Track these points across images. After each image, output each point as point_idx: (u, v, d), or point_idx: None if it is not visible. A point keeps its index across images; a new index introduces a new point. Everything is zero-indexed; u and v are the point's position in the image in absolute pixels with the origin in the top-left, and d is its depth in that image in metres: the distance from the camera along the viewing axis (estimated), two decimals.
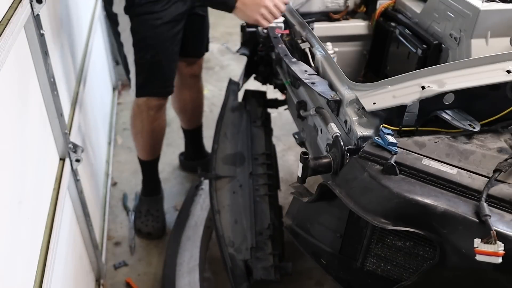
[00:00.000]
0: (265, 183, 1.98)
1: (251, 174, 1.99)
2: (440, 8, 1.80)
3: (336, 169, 1.30)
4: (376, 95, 1.27)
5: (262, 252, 1.80)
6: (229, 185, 1.98)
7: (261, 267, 1.76)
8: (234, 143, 2.09)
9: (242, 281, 1.73)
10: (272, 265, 1.77)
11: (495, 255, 0.95)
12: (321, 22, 2.22)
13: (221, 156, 2.05)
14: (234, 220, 1.89)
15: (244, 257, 1.79)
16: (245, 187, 1.96)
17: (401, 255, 1.14)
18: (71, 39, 2.07)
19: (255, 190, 1.95)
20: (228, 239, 1.84)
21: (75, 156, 1.61)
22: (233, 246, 1.84)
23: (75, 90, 1.98)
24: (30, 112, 1.32)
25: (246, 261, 1.78)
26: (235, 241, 1.85)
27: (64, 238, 1.51)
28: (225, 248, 1.82)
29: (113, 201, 2.59)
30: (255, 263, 1.76)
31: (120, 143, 3.03)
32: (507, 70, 1.20)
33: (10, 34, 1.07)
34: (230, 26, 4.36)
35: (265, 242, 1.84)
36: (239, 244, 1.84)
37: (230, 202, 1.93)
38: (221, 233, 1.85)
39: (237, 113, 2.19)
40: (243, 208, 1.92)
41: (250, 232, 1.86)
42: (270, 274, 1.74)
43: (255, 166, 2.01)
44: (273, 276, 1.74)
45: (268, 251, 1.81)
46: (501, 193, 1.06)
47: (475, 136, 1.22)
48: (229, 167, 2.01)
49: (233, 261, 1.78)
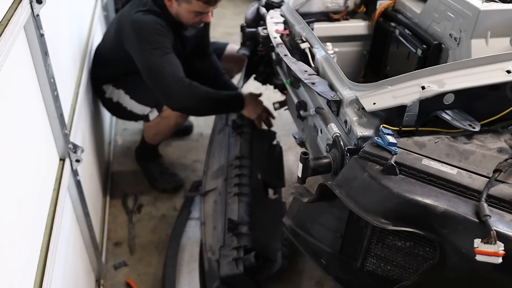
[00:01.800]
0: (236, 184, 2.04)
1: (225, 180, 2.11)
2: (440, 8, 1.80)
3: (336, 169, 1.30)
4: (376, 95, 1.27)
5: (228, 249, 1.84)
6: (213, 197, 2.11)
7: (226, 263, 1.80)
8: (218, 158, 2.24)
9: (214, 280, 1.78)
10: (234, 259, 1.79)
11: (495, 255, 0.95)
12: (321, 22, 2.22)
13: (210, 174, 2.22)
14: (213, 226, 1.98)
15: (217, 257, 1.84)
16: (222, 194, 2.08)
17: (401, 255, 1.14)
18: (71, 39, 2.07)
19: (228, 193, 2.04)
20: (209, 246, 1.92)
21: (75, 156, 1.61)
22: (211, 250, 1.89)
23: (75, 90, 1.98)
24: (30, 112, 1.32)
25: (218, 261, 1.83)
26: (213, 246, 1.91)
27: (64, 238, 1.51)
28: (205, 254, 1.88)
29: (113, 201, 2.59)
30: (222, 260, 1.81)
31: (120, 143, 3.03)
32: (507, 70, 1.20)
33: (10, 34, 1.07)
34: (230, 26, 4.36)
35: (231, 239, 1.87)
36: (214, 247, 1.89)
37: (212, 212, 2.04)
38: (204, 241, 1.93)
39: (221, 134, 2.37)
40: (220, 213, 2.00)
41: (222, 233, 1.91)
42: (234, 268, 1.76)
43: (229, 171, 2.12)
44: (236, 269, 1.75)
45: (233, 246, 1.84)
46: (501, 193, 1.06)
47: (475, 136, 1.22)
48: (214, 181, 2.17)
49: (210, 263, 1.84)
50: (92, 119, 2.33)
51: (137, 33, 2.18)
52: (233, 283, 1.78)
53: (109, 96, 2.51)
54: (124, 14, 2.32)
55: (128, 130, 3.10)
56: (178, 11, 2.21)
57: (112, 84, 2.48)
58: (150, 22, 2.16)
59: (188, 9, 2.18)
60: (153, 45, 2.15)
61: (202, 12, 2.20)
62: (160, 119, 2.44)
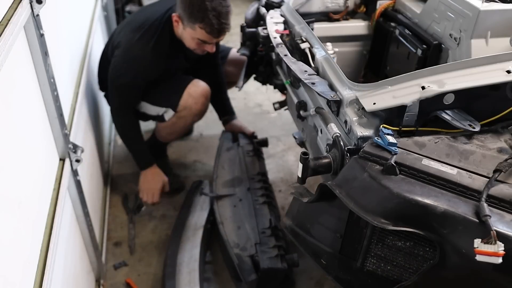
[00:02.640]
0: (263, 194, 2.20)
1: (249, 189, 2.22)
2: (440, 8, 1.81)
3: (336, 169, 1.30)
4: (376, 95, 1.27)
5: (267, 246, 1.91)
6: (229, 201, 2.22)
7: (267, 257, 1.85)
8: (231, 171, 2.39)
9: (250, 273, 1.83)
10: (278, 255, 1.85)
11: (495, 255, 0.95)
12: (321, 22, 2.22)
13: (220, 182, 2.32)
14: (237, 226, 2.06)
15: (250, 253, 1.90)
16: (244, 200, 2.19)
17: (401, 255, 1.14)
18: (71, 39, 2.07)
19: (254, 201, 2.16)
20: (233, 242, 1.97)
21: (75, 156, 1.60)
22: (238, 247, 1.95)
23: (75, 90, 1.98)
24: (30, 112, 1.32)
25: (251, 256, 1.89)
26: (240, 243, 1.97)
27: (64, 238, 1.51)
28: (231, 250, 1.93)
29: (113, 201, 2.58)
30: (261, 255, 1.86)
31: (120, 143, 3.02)
32: (507, 70, 1.21)
33: (10, 34, 1.07)
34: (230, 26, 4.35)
35: (268, 238, 1.96)
36: (244, 244, 1.96)
37: (232, 214, 2.13)
38: (226, 238, 1.98)
39: (232, 151, 2.51)
40: (245, 216, 2.10)
41: (253, 232, 1.99)
42: (277, 263, 1.82)
43: (252, 183, 2.28)
44: (280, 264, 1.82)
45: (272, 245, 1.92)
46: (501, 193, 1.06)
47: (475, 136, 1.22)
48: (228, 188, 2.28)
49: (240, 258, 1.89)
50: (92, 119, 2.33)
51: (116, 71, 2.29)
52: (270, 277, 1.84)
53: None
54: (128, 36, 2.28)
55: None
56: (182, 34, 2.21)
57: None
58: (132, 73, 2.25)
59: (191, 35, 2.17)
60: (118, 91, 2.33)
61: (205, 41, 2.19)
62: (177, 119, 2.43)
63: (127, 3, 3.97)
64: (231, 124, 2.70)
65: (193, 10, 2.10)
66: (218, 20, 2.09)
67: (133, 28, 2.27)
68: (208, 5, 2.07)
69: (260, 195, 2.19)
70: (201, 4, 2.07)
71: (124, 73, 2.26)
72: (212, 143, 2.96)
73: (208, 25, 2.10)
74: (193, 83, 2.38)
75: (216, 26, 2.10)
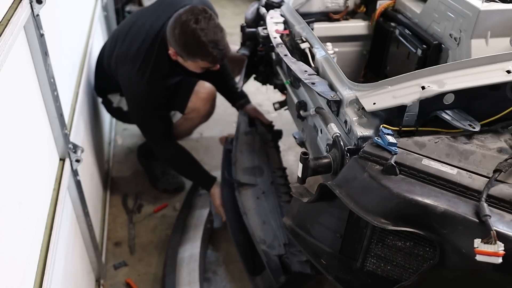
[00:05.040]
0: (287, 192, 2.13)
1: (272, 183, 2.16)
2: (440, 8, 1.81)
3: (336, 169, 1.30)
4: (376, 95, 1.27)
5: (296, 249, 1.88)
6: (252, 192, 2.14)
7: (297, 261, 1.82)
8: (251, 158, 2.30)
9: (279, 274, 1.81)
10: (308, 260, 1.81)
11: (495, 255, 0.95)
12: (321, 22, 2.22)
13: (240, 168, 2.24)
14: (262, 221, 2.01)
15: (278, 252, 1.87)
16: (268, 194, 2.13)
17: (401, 255, 1.14)
18: (71, 39, 2.07)
19: (278, 197, 2.11)
20: (259, 238, 1.93)
21: (75, 156, 1.60)
22: (265, 244, 1.91)
23: (75, 90, 1.98)
24: (30, 112, 1.32)
25: (280, 256, 1.86)
26: (266, 239, 1.93)
27: (64, 238, 1.51)
28: (258, 245, 1.90)
29: (113, 201, 2.59)
30: (291, 257, 1.83)
31: (120, 143, 3.03)
32: (507, 70, 1.20)
33: (10, 34, 1.07)
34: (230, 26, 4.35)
35: None
36: (271, 241, 1.92)
37: (255, 206, 2.07)
38: (251, 231, 1.95)
39: (249, 136, 2.42)
40: (269, 211, 2.05)
41: (280, 231, 1.95)
42: (307, 268, 1.80)
43: (275, 177, 2.20)
44: (309, 270, 1.80)
45: None
46: (501, 193, 1.06)
47: (475, 136, 1.22)
48: (249, 177, 2.20)
49: (268, 256, 1.86)
50: (92, 119, 2.33)
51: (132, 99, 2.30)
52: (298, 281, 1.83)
53: (117, 105, 2.52)
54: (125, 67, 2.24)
55: (128, 130, 3.10)
56: (183, 63, 2.20)
57: (119, 93, 2.48)
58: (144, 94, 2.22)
59: (194, 65, 2.18)
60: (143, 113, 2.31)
61: (209, 68, 2.20)
62: (184, 120, 2.45)
63: (127, 3, 3.98)
64: (246, 109, 2.60)
65: (190, 48, 2.09)
66: (218, 50, 2.09)
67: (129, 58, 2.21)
68: (204, 40, 2.04)
69: (284, 192, 2.14)
70: (197, 42, 2.05)
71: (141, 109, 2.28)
72: (212, 143, 2.96)
73: (210, 57, 2.10)
74: (200, 84, 2.38)
75: (218, 56, 2.11)
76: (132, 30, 2.27)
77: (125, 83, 2.26)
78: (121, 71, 2.24)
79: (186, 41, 2.07)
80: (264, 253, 1.86)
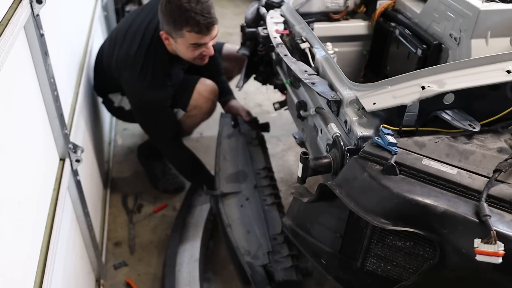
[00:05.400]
0: (271, 193, 2.10)
1: (256, 187, 2.11)
2: (440, 8, 1.80)
3: (336, 169, 1.30)
4: (376, 95, 1.27)
5: (280, 255, 1.84)
6: (236, 200, 2.09)
7: (281, 269, 1.78)
8: (235, 163, 2.25)
9: (264, 285, 1.76)
10: (292, 266, 1.79)
11: (495, 255, 0.95)
12: (321, 22, 2.22)
13: (224, 176, 2.19)
14: (247, 230, 1.97)
15: (262, 262, 1.82)
16: (251, 200, 2.08)
17: (401, 255, 1.14)
18: (71, 39, 2.07)
19: (262, 200, 2.06)
20: (243, 249, 1.90)
21: (75, 156, 1.60)
22: (249, 255, 1.88)
23: (75, 90, 1.98)
24: (30, 112, 1.32)
25: (265, 266, 1.81)
26: (251, 250, 1.89)
27: (64, 238, 1.51)
28: (242, 257, 1.86)
29: (113, 201, 2.59)
30: (275, 266, 1.79)
31: (120, 143, 3.03)
32: (507, 70, 1.20)
33: (10, 34, 1.07)
34: (230, 26, 4.36)
35: (281, 245, 1.88)
36: (255, 252, 1.88)
37: (239, 215, 2.03)
38: (235, 244, 1.90)
39: (233, 139, 2.38)
40: (253, 218, 2.01)
41: (264, 238, 1.92)
42: (292, 275, 1.76)
43: (258, 180, 2.15)
44: (295, 276, 1.76)
45: (285, 254, 1.84)
46: (501, 193, 1.06)
47: (475, 136, 1.22)
48: (233, 184, 2.14)
49: (252, 268, 1.81)
50: (92, 119, 2.33)
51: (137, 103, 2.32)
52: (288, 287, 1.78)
53: (119, 105, 2.52)
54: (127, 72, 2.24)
55: (128, 130, 3.10)
56: (176, 48, 2.19)
57: (120, 93, 2.48)
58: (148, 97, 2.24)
59: (183, 43, 2.14)
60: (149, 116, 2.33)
61: (198, 43, 2.15)
62: (186, 117, 2.44)
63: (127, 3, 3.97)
64: (229, 106, 2.62)
65: (175, 17, 2.07)
66: (203, 16, 2.06)
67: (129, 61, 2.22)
68: (187, 6, 2.04)
69: (268, 194, 2.10)
70: (180, 9, 2.05)
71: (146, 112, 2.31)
72: (212, 143, 2.95)
73: (194, 25, 2.07)
74: (201, 82, 2.39)
75: (202, 22, 2.07)
76: (130, 31, 2.27)
77: (128, 88, 2.28)
78: (123, 76, 2.25)
79: (171, 10, 2.07)
80: (248, 265, 1.83)
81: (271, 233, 1.93)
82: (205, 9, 2.08)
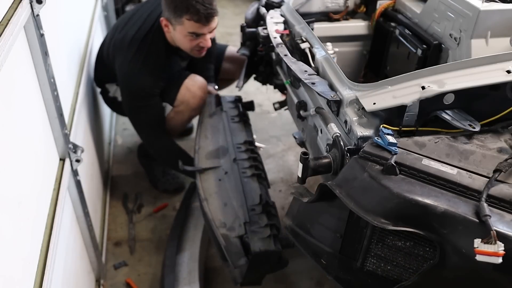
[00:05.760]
0: (251, 165, 2.00)
1: (235, 160, 2.03)
2: (440, 8, 1.80)
3: (336, 169, 1.30)
4: (376, 95, 1.27)
5: (257, 225, 1.73)
6: (214, 175, 2.01)
7: (258, 239, 1.67)
8: (215, 140, 2.18)
9: (240, 257, 1.65)
10: (271, 235, 1.68)
11: (495, 255, 0.95)
12: (321, 22, 2.22)
13: (203, 153, 2.12)
14: (223, 203, 1.86)
15: (238, 233, 1.71)
16: (230, 173, 1.99)
17: (401, 255, 1.14)
18: (71, 39, 2.07)
19: (241, 173, 1.96)
20: (219, 222, 1.78)
21: (75, 156, 1.61)
22: (225, 227, 1.76)
23: (75, 90, 1.98)
24: (30, 112, 1.32)
25: (241, 237, 1.70)
26: (227, 222, 1.78)
27: (64, 238, 1.51)
28: (217, 230, 1.74)
29: (113, 201, 2.59)
30: (252, 236, 1.68)
31: (120, 143, 3.03)
32: (507, 70, 1.20)
33: (10, 34, 1.07)
34: (230, 26, 4.36)
35: (259, 216, 1.77)
36: (231, 224, 1.76)
37: (217, 189, 1.93)
38: (211, 217, 1.80)
39: (215, 117, 2.32)
40: (231, 191, 1.90)
41: (242, 209, 1.80)
42: (270, 244, 1.64)
43: (238, 153, 2.06)
44: (273, 246, 1.64)
45: (263, 224, 1.74)
46: (501, 193, 1.06)
47: (475, 136, 1.22)
48: (212, 160, 2.07)
49: (227, 240, 1.71)
50: (92, 119, 2.33)
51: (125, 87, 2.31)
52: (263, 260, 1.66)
53: (113, 95, 2.52)
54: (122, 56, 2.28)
55: (128, 130, 3.10)
56: (174, 36, 2.20)
57: (116, 83, 2.48)
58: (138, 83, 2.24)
59: (182, 32, 2.15)
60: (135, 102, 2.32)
61: (197, 33, 2.15)
62: (174, 113, 2.44)
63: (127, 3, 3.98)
64: None
65: (176, 3, 2.09)
66: (203, 5, 2.08)
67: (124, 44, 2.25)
68: None
69: (247, 166, 2.00)
70: None
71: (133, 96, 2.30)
72: None
73: (194, 13, 2.08)
74: (190, 77, 2.39)
75: (202, 11, 2.08)
76: (133, 18, 2.32)
77: (119, 72, 2.28)
78: (117, 59, 2.27)
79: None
80: (223, 237, 1.71)
81: (249, 204, 1.82)
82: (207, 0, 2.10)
